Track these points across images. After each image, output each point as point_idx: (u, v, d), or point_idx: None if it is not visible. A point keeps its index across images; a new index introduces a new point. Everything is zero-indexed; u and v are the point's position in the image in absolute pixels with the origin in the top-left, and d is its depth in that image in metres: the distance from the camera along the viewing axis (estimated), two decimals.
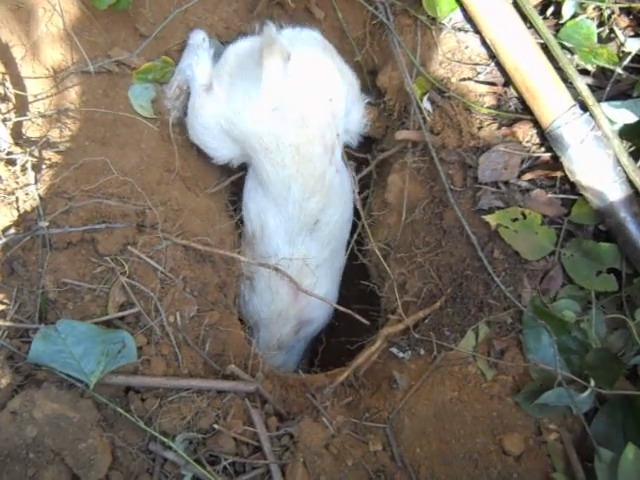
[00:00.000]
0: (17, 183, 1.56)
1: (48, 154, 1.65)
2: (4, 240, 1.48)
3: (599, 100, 1.62)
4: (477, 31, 1.79)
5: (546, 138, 1.69)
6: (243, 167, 2.06)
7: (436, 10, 1.80)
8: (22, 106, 1.70)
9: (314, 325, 2.12)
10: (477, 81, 1.80)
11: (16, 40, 1.71)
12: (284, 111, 1.75)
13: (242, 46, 1.88)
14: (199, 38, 1.95)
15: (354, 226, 2.05)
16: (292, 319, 2.02)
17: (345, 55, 2.01)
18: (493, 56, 1.78)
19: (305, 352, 2.31)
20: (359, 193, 2.01)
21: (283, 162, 1.78)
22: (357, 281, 2.15)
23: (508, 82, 1.77)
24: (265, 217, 1.91)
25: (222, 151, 1.94)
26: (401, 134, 1.91)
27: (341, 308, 1.82)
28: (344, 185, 1.96)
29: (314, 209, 1.87)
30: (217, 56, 1.93)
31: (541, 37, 1.69)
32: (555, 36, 1.70)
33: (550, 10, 1.77)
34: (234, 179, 2.12)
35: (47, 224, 1.51)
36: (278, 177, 1.82)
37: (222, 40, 2.02)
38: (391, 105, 2.01)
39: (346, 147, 2.01)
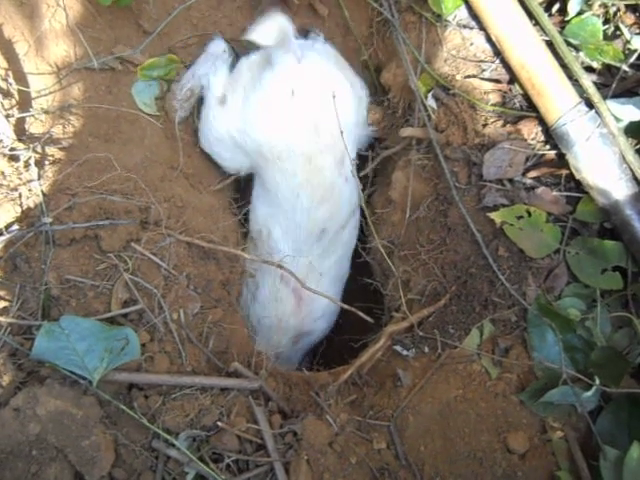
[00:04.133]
0: (20, 179, 1.56)
1: (51, 150, 1.65)
2: (7, 236, 1.47)
3: (605, 97, 1.62)
4: (482, 28, 1.78)
5: (551, 135, 1.68)
6: None
7: (441, 7, 1.79)
8: (25, 102, 1.70)
9: (313, 336, 2.11)
10: (482, 78, 1.79)
11: (19, 36, 1.71)
12: (296, 119, 1.76)
13: (255, 59, 1.89)
14: (219, 49, 1.95)
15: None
16: (292, 329, 2.02)
17: (349, 53, 2.01)
18: (498, 53, 1.77)
19: (303, 358, 2.30)
20: (362, 190, 2.00)
21: (294, 171, 1.79)
22: (361, 279, 2.15)
23: (513, 79, 1.76)
24: (272, 223, 1.91)
25: (233, 162, 1.97)
26: (405, 131, 1.90)
27: (345, 306, 1.81)
28: (352, 194, 1.95)
29: (321, 218, 1.87)
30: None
31: (546, 34, 1.68)
32: (561, 33, 1.69)
33: (556, 7, 1.76)
34: (237, 177, 2.11)
35: (50, 220, 1.51)
36: (287, 185, 1.82)
37: (226, 37, 2.02)
38: (395, 102, 2.01)
39: None
